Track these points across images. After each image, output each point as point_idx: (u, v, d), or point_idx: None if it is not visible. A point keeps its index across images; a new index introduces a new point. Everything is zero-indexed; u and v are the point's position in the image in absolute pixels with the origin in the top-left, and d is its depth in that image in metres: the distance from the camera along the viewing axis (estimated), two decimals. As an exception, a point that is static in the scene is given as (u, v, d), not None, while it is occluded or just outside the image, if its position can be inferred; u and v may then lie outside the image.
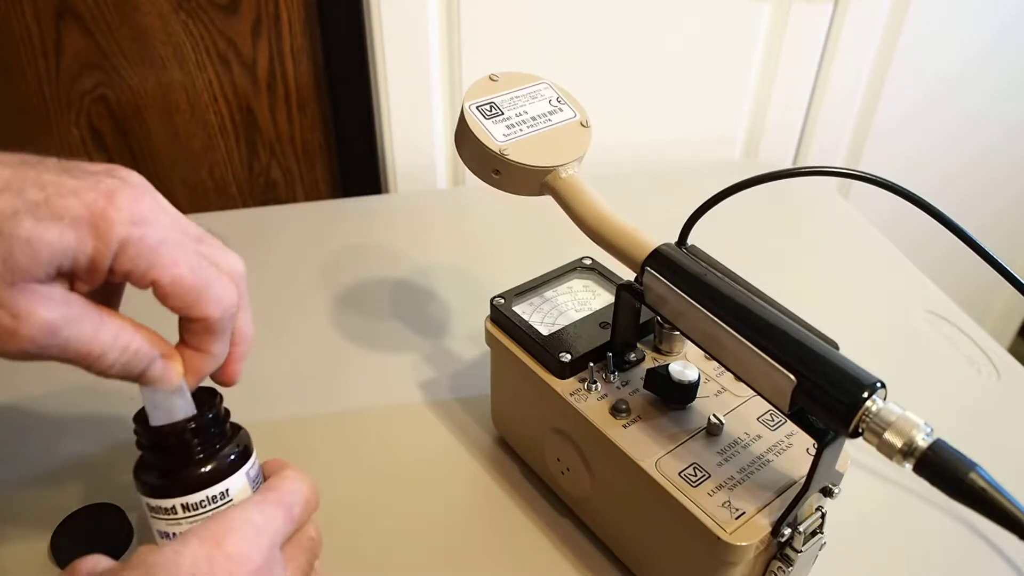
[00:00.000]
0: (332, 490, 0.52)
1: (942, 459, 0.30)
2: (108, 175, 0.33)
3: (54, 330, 0.31)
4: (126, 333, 0.33)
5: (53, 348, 0.31)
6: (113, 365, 0.33)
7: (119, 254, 0.32)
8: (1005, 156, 1.12)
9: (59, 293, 0.31)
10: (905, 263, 0.78)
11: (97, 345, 0.32)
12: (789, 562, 0.39)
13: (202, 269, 0.34)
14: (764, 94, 0.98)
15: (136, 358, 0.34)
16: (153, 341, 0.35)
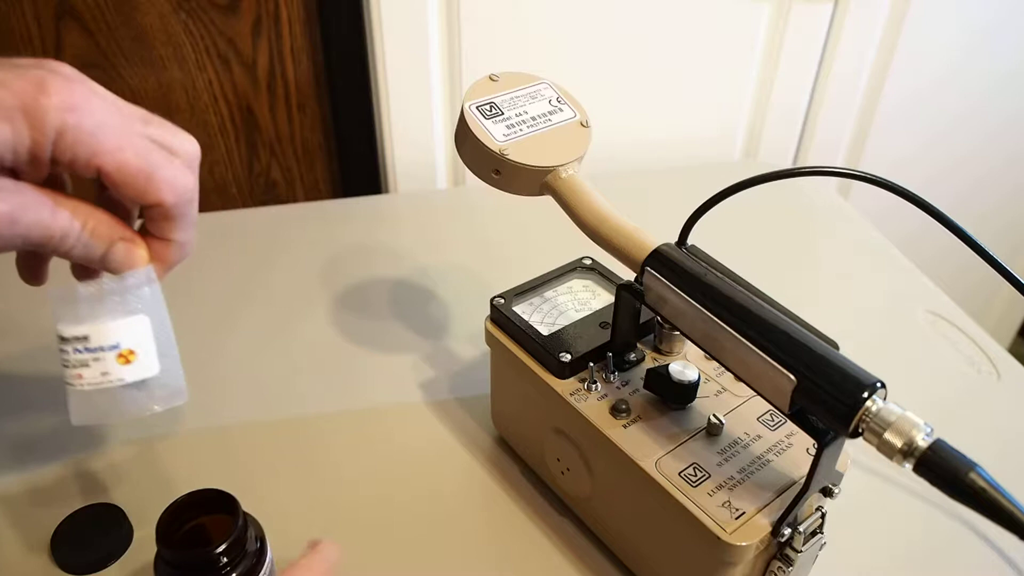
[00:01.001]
0: (332, 490, 0.52)
1: (942, 459, 0.30)
2: (38, 67, 0.32)
3: (13, 220, 0.31)
4: (82, 212, 0.33)
5: (15, 238, 0.31)
6: (75, 246, 0.33)
7: (57, 142, 0.31)
8: (1005, 153, 1.12)
9: (8, 183, 0.31)
10: (905, 263, 0.78)
11: (57, 227, 0.32)
12: (789, 562, 0.39)
13: (150, 153, 0.34)
14: (764, 94, 0.98)
15: (96, 237, 0.34)
16: (112, 224, 0.35)
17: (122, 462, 0.52)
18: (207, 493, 0.38)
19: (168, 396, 0.36)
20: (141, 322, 0.35)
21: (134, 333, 0.35)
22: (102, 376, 0.34)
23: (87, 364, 0.34)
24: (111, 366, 0.34)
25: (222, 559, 0.37)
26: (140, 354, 0.35)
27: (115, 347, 0.34)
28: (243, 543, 0.38)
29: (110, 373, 0.34)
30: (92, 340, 0.34)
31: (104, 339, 0.34)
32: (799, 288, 0.57)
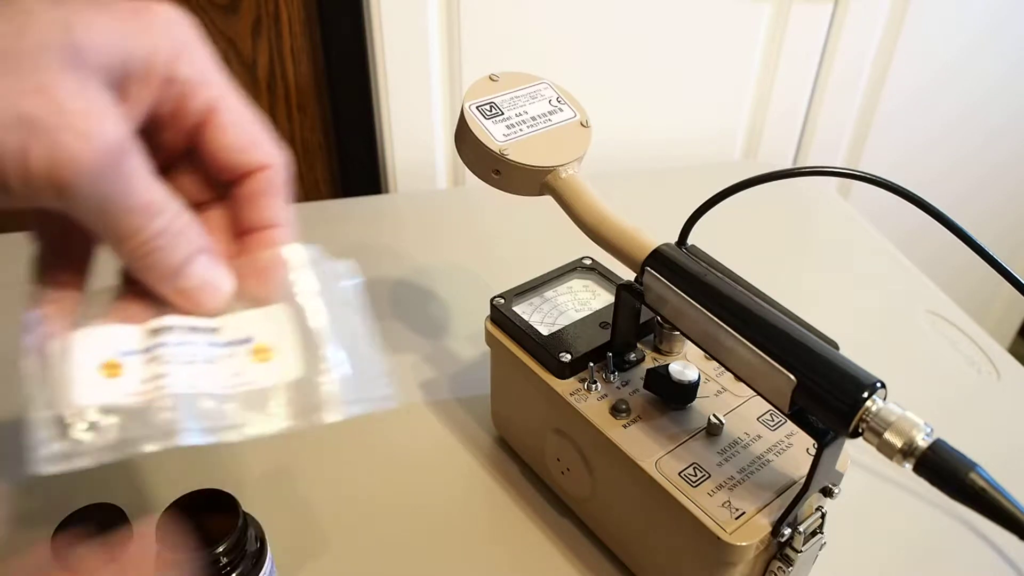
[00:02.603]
0: (332, 489, 0.52)
1: (942, 459, 0.30)
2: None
3: (120, 152, 0.23)
4: (176, 202, 0.26)
5: (103, 186, 0.23)
6: (155, 237, 0.25)
7: (172, 61, 0.26)
8: (1005, 153, 1.12)
9: (119, 111, 0.24)
10: (905, 263, 0.78)
11: (152, 196, 0.25)
12: (789, 562, 0.39)
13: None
14: (764, 94, 0.98)
15: (184, 237, 0.26)
16: (202, 229, 0.27)
17: (122, 462, 0.52)
18: (207, 493, 0.38)
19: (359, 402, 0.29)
20: (281, 314, 0.29)
21: (273, 326, 0.28)
22: (233, 377, 0.27)
23: (215, 361, 0.28)
24: (243, 364, 0.28)
25: (222, 559, 0.37)
26: (278, 353, 0.28)
27: (248, 341, 0.28)
28: (243, 543, 0.38)
29: (242, 373, 0.28)
30: (225, 331, 0.28)
31: (238, 330, 0.28)
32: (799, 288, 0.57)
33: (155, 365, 0.26)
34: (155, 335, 0.27)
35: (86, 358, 0.26)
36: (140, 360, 0.26)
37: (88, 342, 0.26)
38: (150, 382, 0.26)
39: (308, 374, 0.28)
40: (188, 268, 0.27)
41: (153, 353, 0.27)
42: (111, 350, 0.26)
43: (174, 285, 0.27)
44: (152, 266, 0.26)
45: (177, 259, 0.26)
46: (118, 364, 0.26)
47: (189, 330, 0.27)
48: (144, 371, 0.26)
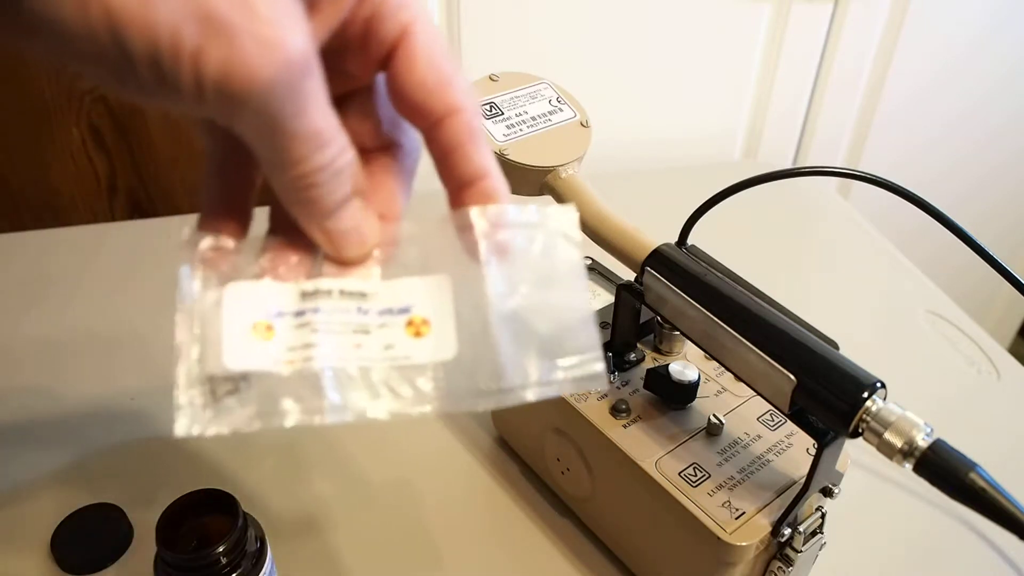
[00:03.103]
0: (333, 489, 0.52)
1: (942, 459, 0.30)
2: None
3: (302, 70, 0.21)
4: (344, 137, 0.24)
5: (275, 104, 0.21)
6: (317, 170, 0.23)
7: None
8: (1006, 153, 1.12)
9: (308, 25, 0.21)
10: (905, 263, 0.78)
11: (320, 125, 0.22)
12: (789, 562, 0.39)
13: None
14: (764, 94, 0.98)
15: (345, 176, 0.24)
16: (361, 169, 0.25)
17: (122, 462, 0.52)
18: (207, 493, 0.38)
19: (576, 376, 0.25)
20: (442, 285, 0.26)
21: (433, 297, 0.26)
22: (385, 350, 0.25)
23: (367, 331, 0.25)
24: (398, 336, 0.25)
25: (222, 559, 0.37)
26: (436, 327, 0.25)
27: (405, 311, 0.25)
28: (243, 543, 0.38)
29: (395, 347, 0.25)
30: (381, 298, 0.25)
31: (395, 298, 0.25)
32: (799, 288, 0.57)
33: (305, 332, 0.24)
34: (307, 299, 0.25)
35: (238, 317, 0.24)
36: (291, 324, 0.24)
37: (240, 299, 0.24)
38: (298, 350, 0.24)
39: (471, 353, 0.25)
40: (342, 210, 0.24)
41: (304, 319, 0.24)
42: (263, 310, 0.24)
43: (323, 225, 0.24)
44: (307, 201, 0.24)
45: (334, 199, 0.24)
46: (270, 326, 0.24)
47: (343, 295, 0.25)
48: (293, 337, 0.24)
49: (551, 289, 0.26)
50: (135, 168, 0.87)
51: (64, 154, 0.84)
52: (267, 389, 0.24)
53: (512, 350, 0.25)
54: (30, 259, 0.70)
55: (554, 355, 0.25)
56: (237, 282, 0.25)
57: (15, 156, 0.83)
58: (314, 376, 0.24)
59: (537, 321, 0.25)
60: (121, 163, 0.86)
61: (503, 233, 0.26)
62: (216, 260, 0.25)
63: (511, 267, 0.26)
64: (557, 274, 0.26)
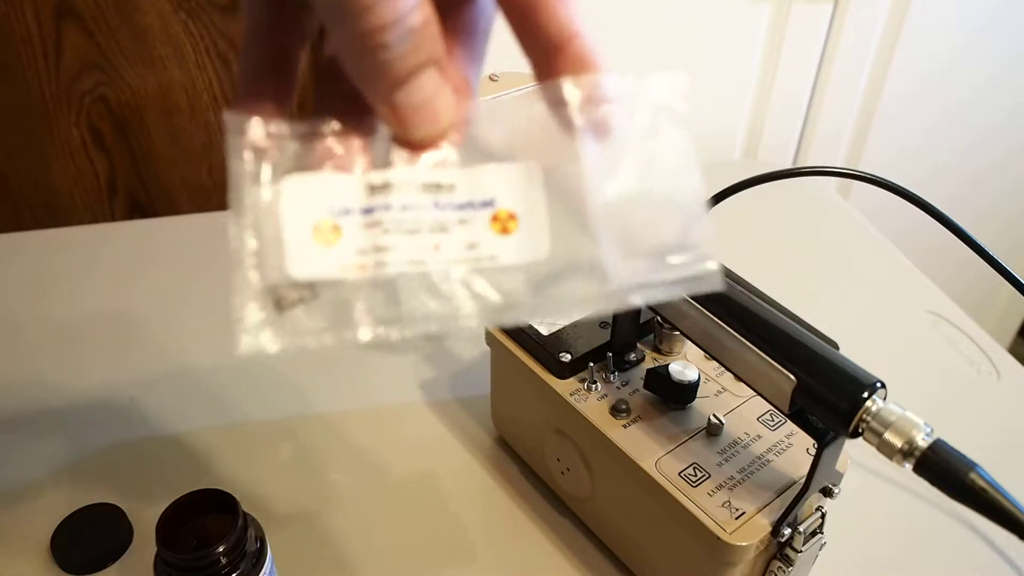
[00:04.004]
0: (332, 489, 0.52)
1: (942, 459, 0.30)
2: None
3: None
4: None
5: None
6: (388, 27, 0.19)
7: None
8: (1006, 153, 1.12)
9: None
10: (905, 263, 0.78)
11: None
12: (789, 562, 0.39)
13: None
14: (764, 94, 0.98)
15: (421, 37, 0.20)
16: (440, 35, 0.21)
17: (122, 462, 0.52)
18: (207, 493, 0.38)
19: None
20: (530, 172, 0.22)
21: (520, 187, 0.22)
22: (467, 251, 0.22)
23: (446, 228, 0.22)
24: (481, 234, 0.22)
25: (222, 559, 0.37)
26: (525, 221, 0.22)
27: (488, 204, 0.22)
28: (243, 543, 0.38)
29: (479, 246, 0.22)
30: (460, 189, 0.22)
31: (476, 189, 0.22)
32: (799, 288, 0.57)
33: (376, 232, 0.21)
34: (376, 193, 0.21)
35: (298, 216, 0.21)
36: (359, 223, 0.21)
37: (301, 195, 0.21)
38: (369, 254, 0.21)
39: (566, 252, 0.22)
40: (415, 80, 0.20)
41: (374, 216, 0.21)
42: (325, 207, 0.21)
43: (393, 98, 0.21)
44: (373, 67, 0.20)
45: (407, 64, 0.20)
46: (335, 227, 0.21)
47: (415, 187, 0.22)
48: (362, 238, 0.21)
49: (658, 174, 0.23)
50: (135, 168, 0.87)
51: (64, 154, 0.84)
52: (337, 298, 0.21)
53: (614, 246, 0.22)
54: (30, 259, 0.70)
55: (662, 251, 0.22)
56: (295, 174, 0.21)
57: (15, 156, 0.83)
58: (389, 283, 0.21)
59: (643, 212, 0.22)
60: (121, 163, 0.86)
61: (601, 108, 0.22)
62: (269, 148, 0.21)
63: (612, 149, 0.22)
64: (664, 156, 0.23)
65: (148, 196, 0.89)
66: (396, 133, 0.21)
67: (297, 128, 0.22)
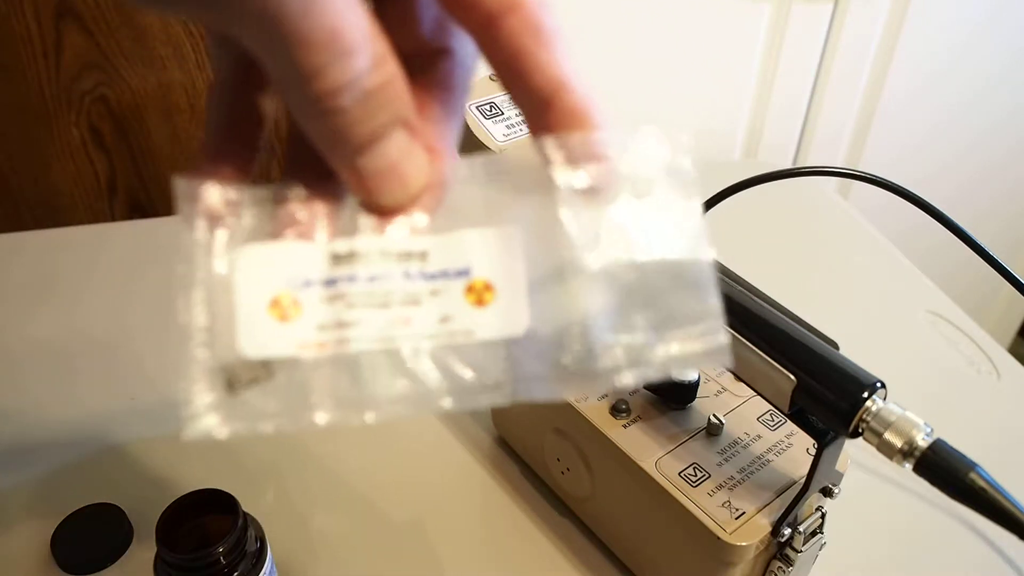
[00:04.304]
0: (332, 489, 0.52)
1: (942, 459, 0.30)
2: None
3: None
4: (380, 43, 0.18)
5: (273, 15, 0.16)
6: (341, 89, 0.18)
7: None
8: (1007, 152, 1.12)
9: None
10: (905, 263, 0.78)
11: (338, 25, 0.17)
12: (789, 562, 0.39)
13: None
14: (764, 94, 0.98)
15: (383, 97, 0.19)
16: (407, 91, 0.19)
17: (122, 462, 0.52)
18: (207, 493, 0.38)
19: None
20: (509, 238, 0.20)
21: (498, 254, 0.20)
22: (440, 324, 0.20)
23: (417, 301, 0.20)
24: (455, 306, 0.20)
25: (222, 559, 0.37)
26: (503, 292, 0.20)
27: (463, 273, 0.20)
28: (243, 543, 0.38)
29: (452, 319, 0.20)
30: (432, 257, 0.20)
31: (450, 257, 0.20)
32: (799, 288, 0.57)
33: (339, 306, 0.20)
34: (340, 263, 0.20)
35: (254, 289, 0.19)
36: (320, 296, 0.20)
37: (258, 266, 0.19)
38: (331, 330, 0.19)
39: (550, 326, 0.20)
40: (378, 144, 0.19)
41: (337, 289, 0.20)
42: (284, 279, 0.19)
43: (354, 163, 0.19)
44: (331, 133, 0.19)
45: (367, 128, 0.19)
46: (295, 301, 0.19)
47: (384, 256, 0.20)
48: (324, 313, 0.19)
49: (656, 239, 0.21)
50: (135, 168, 0.87)
51: (64, 154, 0.84)
52: (294, 379, 0.19)
53: (605, 321, 0.20)
54: (30, 259, 0.70)
55: (661, 326, 0.20)
56: (252, 244, 0.20)
57: (15, 156, 0.83)
58: (352, 362, 0.19)
59: (638, 282, 0.20)
60: (121, 163, 0.86)
61: (591, 168, 0.20)
62: (224, 215, 0.20)
63: (602, 212, 0.20)
64: (663, 219, 0.21)
65: (148, 196, 0.89)
66: (362, 199, 0.20)
67: (257, 193, 0.20)
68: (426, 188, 0.20)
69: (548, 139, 0.20)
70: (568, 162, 0.20)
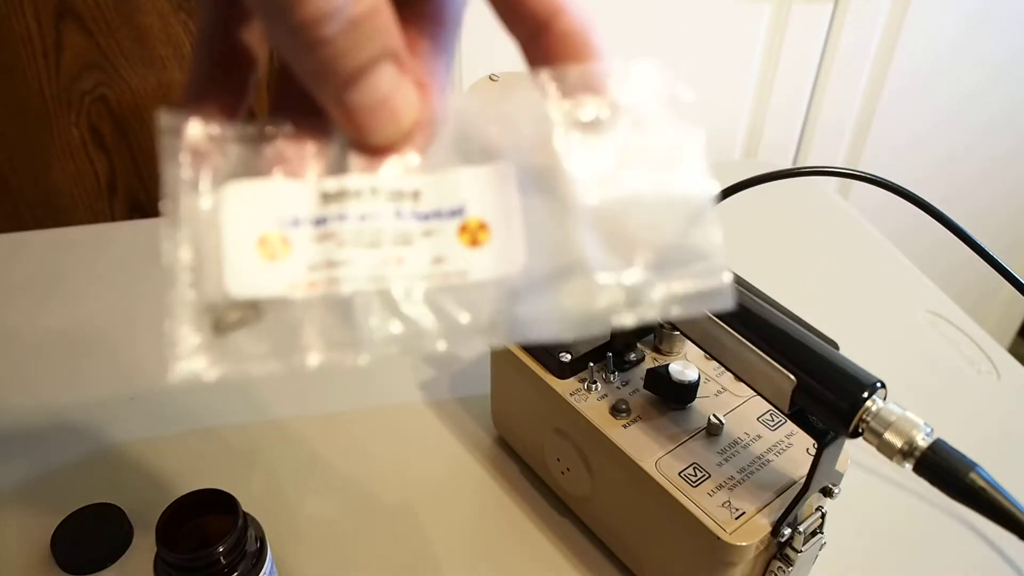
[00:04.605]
0: (332, 489, 0.52)
1: (942, 459, 0.30)
2: None
3: None
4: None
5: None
6: (328, 16, 0.17)
7: None
8: (1007, 152, 1.12)
9: None
10: (905, 263, 0.78)
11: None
12: (789, 562, 0.39)
13: None
14: (764, 94, 0.98)
15: (371, 28, 0.18)
16: (395, 25, 0.19)
17: (122, 462, 0.52)
18: (207, 493, 0.38)
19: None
20: (503, 175, 0.20)
21: (493, 192, 0.20)
22: (433, 265, 0.19)
23: (409, 241, 0.19)
24: (449, 246, 0.19)
25: (222, 559, 0.37)
26: (498, 231, 0.19)
27: (457, 213, 0.19)
28: (243, 543, 0.38)
29: (446, 260, 0.19)
30: (425, 197, 0.19)
31: (443, 196, 0.19)
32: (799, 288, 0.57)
33: (330, 245, 0.19)
34: (330, 202, 0.19)
35: (241, 227, 0.19)
36: (310, 235, 0.19)
37: (245, 204, 0.19)
38: (322, 269, 0.19)
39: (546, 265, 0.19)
40: (367, 77, 0.18)
41: (328, 228, 0.19)
42: (272, 217, 0.19)
43: (343, 98, 0.18)
44: (317, 65, 0.18)
45: (356, 60, 0.18)
46: (284, 240, 0.19)
47: (375, 194, 0.19)
48: (314, 252, 0.19)
49: (656, 171, 0.20)
50: (135, 168, 0.87)
51: (64, 154, 0.84)
52: (284, 319, 0.19)
53: (602, 259, 0.19)
54: (30, 259, 0.70)
55: (660, 264, 0.19)
56: (239, 181, 0.19)
57: (15, 156, 0.83)
58: (345, 301, 0.19)
59: (638, 215, 0.19)
60: (121, 163, 0.86)
61: (588, 101, 0.19)
62: (210, 152, 0.19)
63: (599, 146, 0.20)
64: (662, 152, 0.20)
65: (148, 196, 0.89)
66: (351, 136, 0.19)
67: (243, 130, 0.20)
68: (417, 125, 0.19)
69: (544, 71, 0.19)
70: (565, 95, 0.19)
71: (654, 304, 0.19)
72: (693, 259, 0.19)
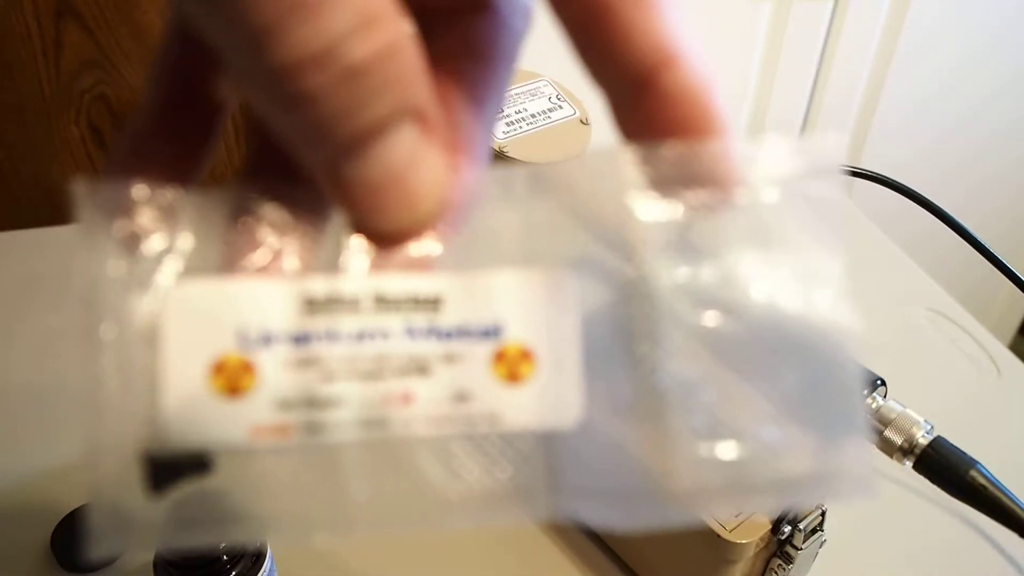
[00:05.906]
0: (332, 489, 0.52)
1: (942, 457, 0.30)
2: None
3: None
4: (389, 4, 0.12)
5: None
6: (330, 47, 0.11)
7: None
8: (1005, 152, 1.12)
9: None
10: (906, 261, 0.78)
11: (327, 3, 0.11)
12: (789, 559, 0.39)
13: None
14: (764, 94, 0.98)
15: (397, 64, 0.12)
16: (423, 72, 0.13)
17: (122, 461, 0.52)
18: None
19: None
20: (561, 288, 0.14)
21: (542, 309, 0.14)
22: (454, 405, 0.14)
23: (424, 369, 0.14)
24: (477, 379, 0.14)
25: (222, 559, 0.37)
26: (546, 365, 0.14)
27: (491, 333, 0.14)
28: None
29: (472, 398, 0.14)
30: (449, 306, 0.14)
31: (474, 307, 0.14)
32: (799, 287, 0.57)
33: (311, 376, 0.14)
34: (317, 312, 0.14)
35: (189, 346, 0.14)
36: (285, 359, 0.14)
37: (195, 312, 0.14)
38: (299, 410, 0.14)
39: (612, 422, 0.14)
40: (375, 144, 0.13)
41: (310, 349, 0.14)
42: (233, 332, 0.14)
43: (337, 169, 0.13)
44: (303, 125, 0.12)
45: (359, 121, 0.12)
46: (246, 366, 0.14)
47: (379, 304, 0.14)
48: (290, 384, 0.14)
49: (784, 307, 0.15)
50: (135, 167, 0.87)
51: (64, 153, 0.84)
52: (244, 477, 0.14)
53: (697, 416, 0.14)
54: (29, 258, 0.70)
55: (774, 428, 0.14)
56: (190, 278, 0.14)
57: (15, 154, 0.83)
58: (328, 456, 0.14)
59: (748, 366, 0.14)
60: (121, 162, 0.86)
61: (694, 195, 0.14)
62: (151, 233, 0.14)
63: (703, 256, 0.14)
64: (791, 270, 0.15)
65: (148, 195, 0.89)
66: (351, 219, 0.14)
67: (201, 202, 0.14)
68: (442, 207, 0.14)
69: (632, 146, 0.14)
70: (660, 181, 0.14)
71: (758, 488, 0.14)
72: (821, 425, 0.14)
